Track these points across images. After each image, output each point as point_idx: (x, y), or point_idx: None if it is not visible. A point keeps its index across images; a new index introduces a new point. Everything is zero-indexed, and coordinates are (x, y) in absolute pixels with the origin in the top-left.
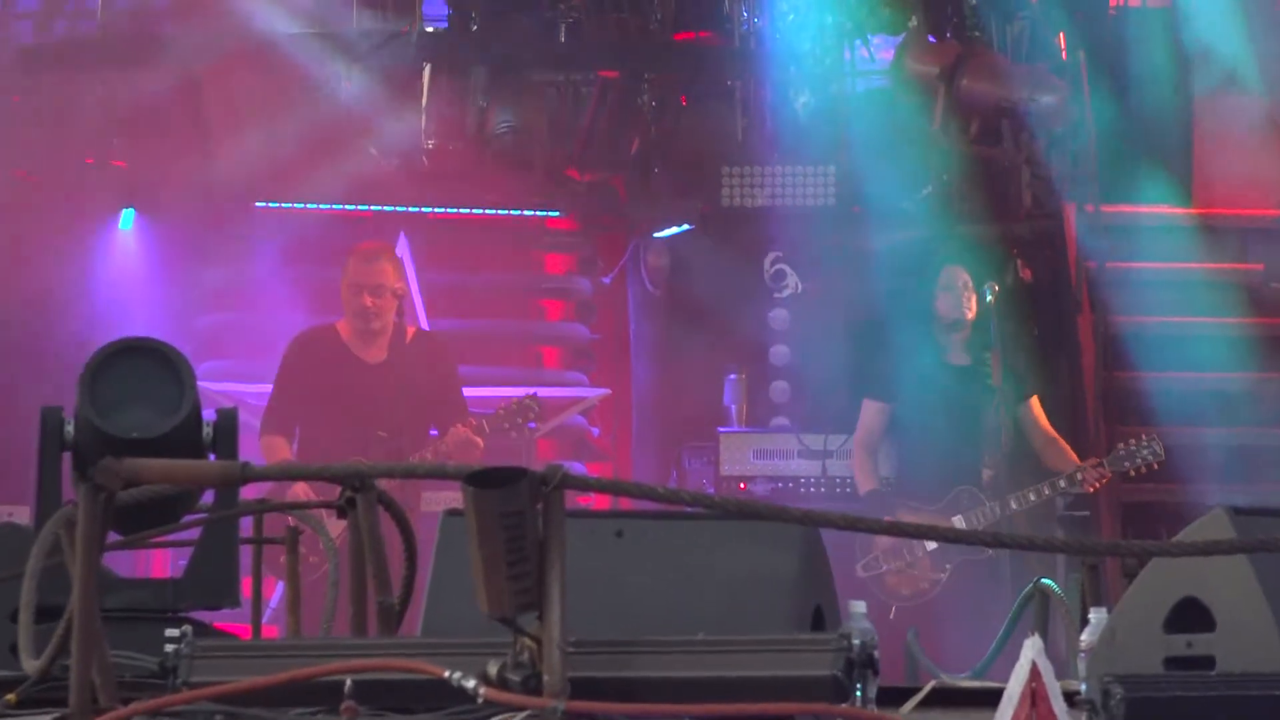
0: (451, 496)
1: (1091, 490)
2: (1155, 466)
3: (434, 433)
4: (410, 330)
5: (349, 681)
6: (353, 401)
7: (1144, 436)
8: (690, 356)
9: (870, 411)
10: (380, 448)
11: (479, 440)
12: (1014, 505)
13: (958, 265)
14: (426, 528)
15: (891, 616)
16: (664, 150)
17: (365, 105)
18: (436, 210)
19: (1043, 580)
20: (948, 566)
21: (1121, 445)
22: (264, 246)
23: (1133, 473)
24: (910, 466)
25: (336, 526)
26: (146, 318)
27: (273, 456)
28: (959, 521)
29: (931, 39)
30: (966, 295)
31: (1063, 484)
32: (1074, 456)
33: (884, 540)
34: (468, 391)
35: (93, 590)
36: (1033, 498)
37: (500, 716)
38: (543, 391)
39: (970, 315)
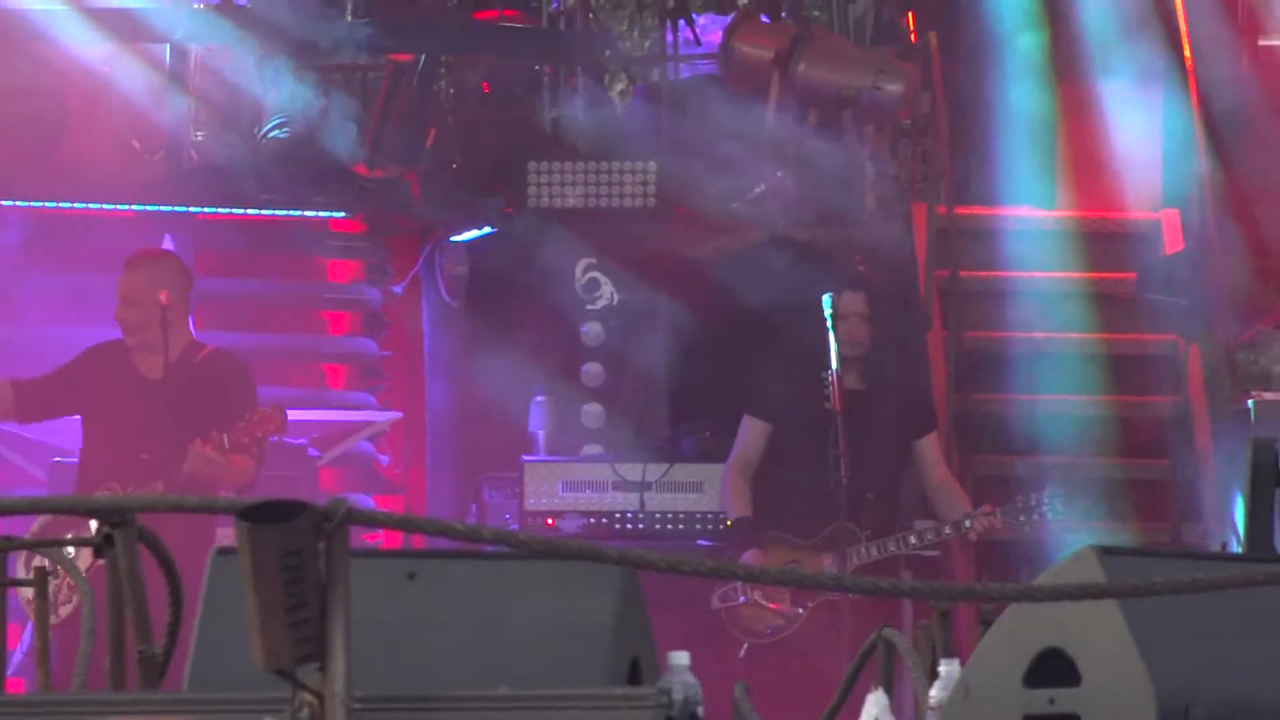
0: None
1: (975, 539)
2: (1055, 526)
3: None
4: (207, 348)
5: None
6: (121, 418)
7: (1047, 491)
8: (492, 376)
9: (750, 430)
10: (142, 472)
11: (219, 458)
12: (893, 548)
13: (856, 293)
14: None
15: (742, 655)
16: (463, 144)
17: (126, 91)
18: (205, 210)
19: (887, 629)
20: (808, 604)
21: (1020, 496)
22: (6, 250)
23: (1027, 528)
24: (783, 496)
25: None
26: None
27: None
28: (830, 561)
29: (765, 19)
30: (861, 326)
31: (948, 530)
32: (969, 506)
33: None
34: None
35: None
36: (913, 540)
37: None
38: (326, 415)
39: (862, 351)
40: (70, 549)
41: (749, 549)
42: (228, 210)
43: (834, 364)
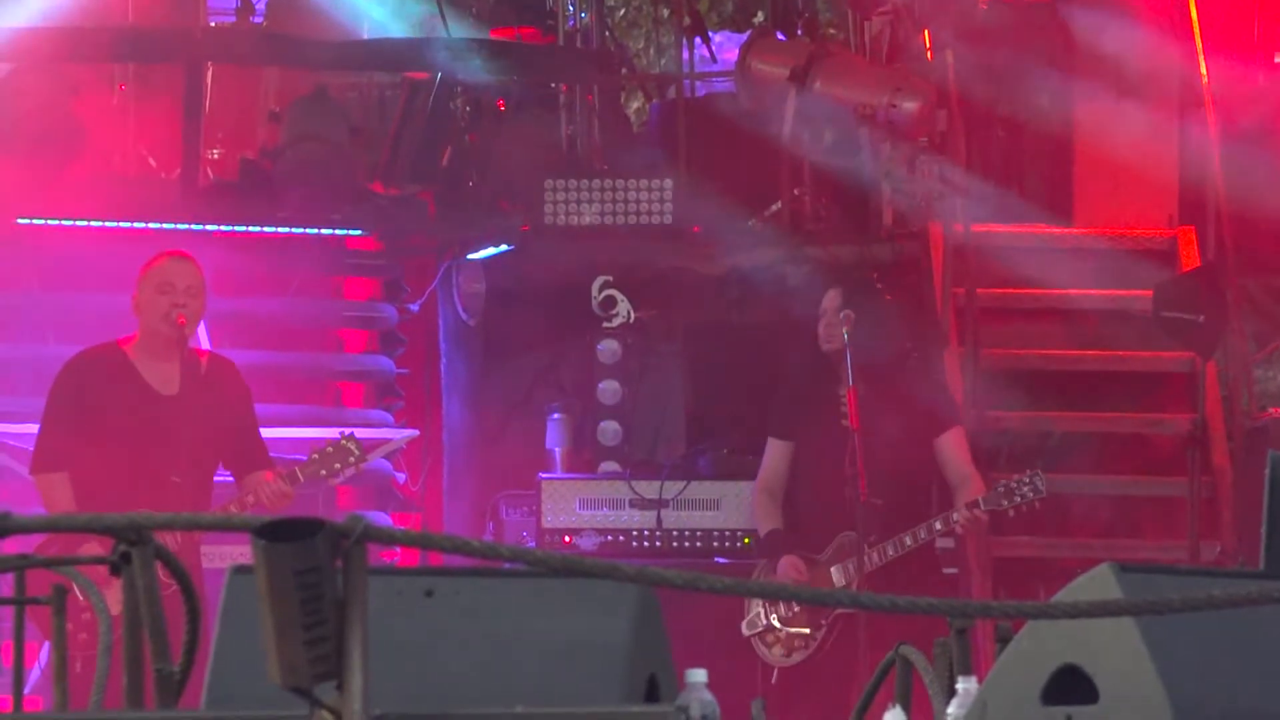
0: (238, 551)
1: (962, 532)
2: (1037, 505)
3: (223, 477)
4: (204, 356)
5: None
6: (142, 437)
7: (1026, 472)
8: (508, 393)
9: (771, 450)
10: (173, 494)
11: (290, 491)
12: (891, 552)
13: (835, 289)
14: (210, 585)
15: (774, 681)
16: (480, 161)
17: (142, 109)
18: (222, 228)
19: (904, 646)
20: (822, 622)
21: (1001, 483)
22: (26, 269)
23: (1012, 512)
24: (803, 511)
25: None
26: None
27: (54, 496)
28: (837, 572)
29: (781, 36)
30: (837, 320)
31: (939, 526)
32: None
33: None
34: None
35: None
36: (909, 542)
37: None
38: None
39: (839, 344)
40: None
41: (781, 558)
42: (244, 228)
43: (849, 379)
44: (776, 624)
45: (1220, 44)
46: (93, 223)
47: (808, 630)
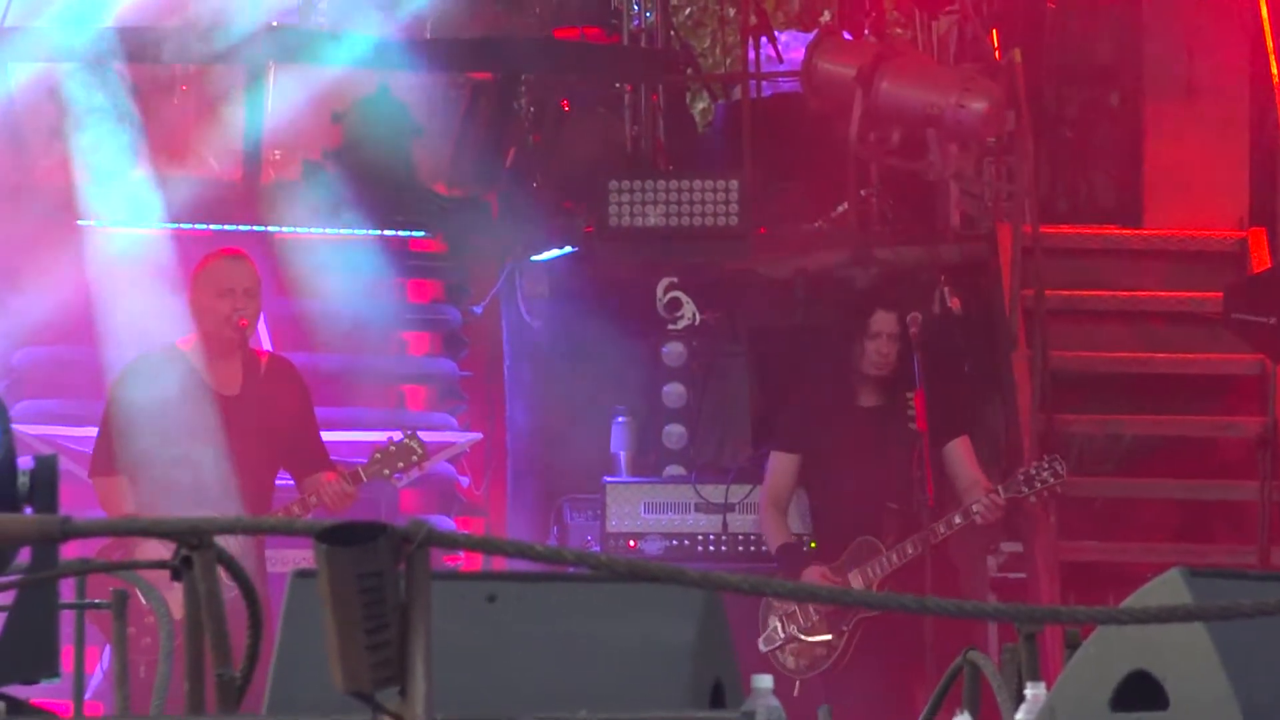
0: (301, 554)
1: (983, 522)
2: (1058, 490)
3: (284, 481)
4: (264, 356)
5: None
6: (203, 438)
7: (1044, 458)
8: (573, 396)
9: (778, 464)
10: (234, 496)
11: (354, 491)
12: (910, 550)
13: (891, 312)
14: (274, 590)
15: (795, 694)
16: (543, 162)
17: (203, 110)
18: (283, 230)
19: (972, 651)
20: (844, 628)
21: (1021, 470)
22: (88, 271)
23: (1033, 498)
24: (819, 520)
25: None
26: None
27: (113, 500)
28: (855, 577)
29: (847, 36)
30: (889, 346)
31: (958, 520)
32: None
33: (780, 605)
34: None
35: None
36: (930, 539)
37: None
38: None
39: (889, 370)
40: None
41: (805, 568)
42: (305, 230)
43: (918, 381)
44: (798, 634)
45: None
46: (155, 225)
47: (829, 637)
